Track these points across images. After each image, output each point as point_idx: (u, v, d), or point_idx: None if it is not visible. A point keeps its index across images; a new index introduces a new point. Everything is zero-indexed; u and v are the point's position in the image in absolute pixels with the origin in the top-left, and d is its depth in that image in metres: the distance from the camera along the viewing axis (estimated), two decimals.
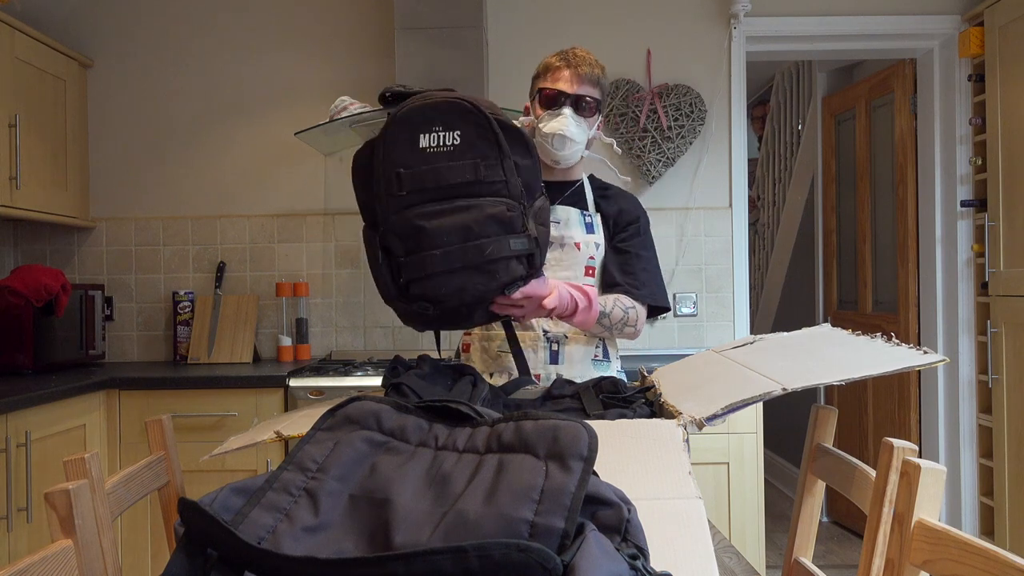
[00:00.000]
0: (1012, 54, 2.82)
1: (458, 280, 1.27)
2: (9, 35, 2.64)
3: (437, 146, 1.27)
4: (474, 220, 1.26)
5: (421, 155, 1.27)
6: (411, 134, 1.27)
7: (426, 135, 1.27)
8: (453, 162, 1.27)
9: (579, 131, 1.62)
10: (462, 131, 1.28)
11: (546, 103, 1.64)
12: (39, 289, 2.61)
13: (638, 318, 1.64)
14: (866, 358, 1.06)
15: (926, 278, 3.34)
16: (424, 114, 1.28)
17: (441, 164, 1.27)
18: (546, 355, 1.64)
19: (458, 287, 1.28)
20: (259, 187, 3.19)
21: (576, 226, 1.67)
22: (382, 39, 3.18)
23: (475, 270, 1.27)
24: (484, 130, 1.29)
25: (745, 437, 2.54)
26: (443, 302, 1.29)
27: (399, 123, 1.29)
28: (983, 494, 3.09)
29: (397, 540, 0.57)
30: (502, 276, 1.29)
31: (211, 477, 2.53)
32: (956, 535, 0.87)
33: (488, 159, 1.28)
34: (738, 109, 3.19)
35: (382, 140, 1.29)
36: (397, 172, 1.27)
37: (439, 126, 1.28)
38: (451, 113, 1.28)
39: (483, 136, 1.29)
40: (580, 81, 1.62)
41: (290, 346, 3.09)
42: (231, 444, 1.25)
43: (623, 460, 0.90)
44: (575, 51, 1.66)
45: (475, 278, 1.28)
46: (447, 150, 1.27)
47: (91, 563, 0.98)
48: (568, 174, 1.73)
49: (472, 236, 1.26)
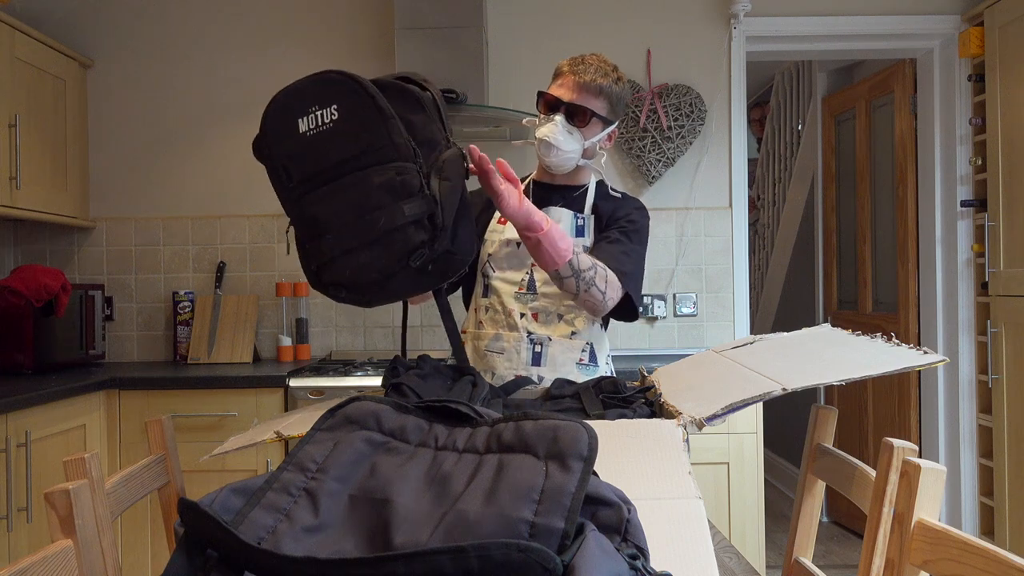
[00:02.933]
0: (1012, 54, 2.82)
1: (357, 259, 1.22)
2: (9, 35, 2.64)
3: (317, 127, 1.21)
4: (362, 194, 1.20)
5: (303, 140, 1.21)
6: (289, 122, 1.22)
7: (304, 118, 1.21)
8: (336, 138, 1.21)
9: (568, 139, 1.59)
10: (338, 104, 1.20)
11: (545, 107, 1.64)
12: (39, 289, 2.61)
13: (607, 283, 1.51)
14: (866, 358, 1.06)
15: (926, 278, 3.34)
16: (297, 97, 1.23)
17: (322, 144, 1.21)
18: (528, 356, 1.64)
19: (360, 265, 1.22)
20: (259, 187, 3.19)
21: (566, 227, 1.66)
22: (382, 39, 3.18)
23: (372, 245, 1.21)
24: (358, 96, 1.21)
25: (745, 437, 2.54)
26: (352, 283, 1.24)
27: (273, 114, 1.23)
28: (983, 494, 3.09)
29: (397, 540, 0.57)
30: (400, 246, 1.21)
31: (211, 477, 2.53)
32: (956, 535, 0.87)
33: (369, 126, 1.21)
34: (738, 109, 3.19)
35: (263, 135, 1.24)
36: (283, 165, 1.23)
37: (314, 105, 1.21)
38: (322, 89, 1.22)
39: (360, 103, 1.21)
40: (579, 90, 1.60)
41: (290, 346, 3.09)
42: (231, 444, 1.25)
43: (623, 460, 0.90)
44: (585, 57, 1.63)
45: (374, 252, 1.21)
46: (328, 127, 1.21)
47: (91, 563, 0.98)
48: (571, 179, 1.71)
49: (365, 211, 1.20)
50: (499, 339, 1.65)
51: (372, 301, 1.28)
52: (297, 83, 1.24)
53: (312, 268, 1.26)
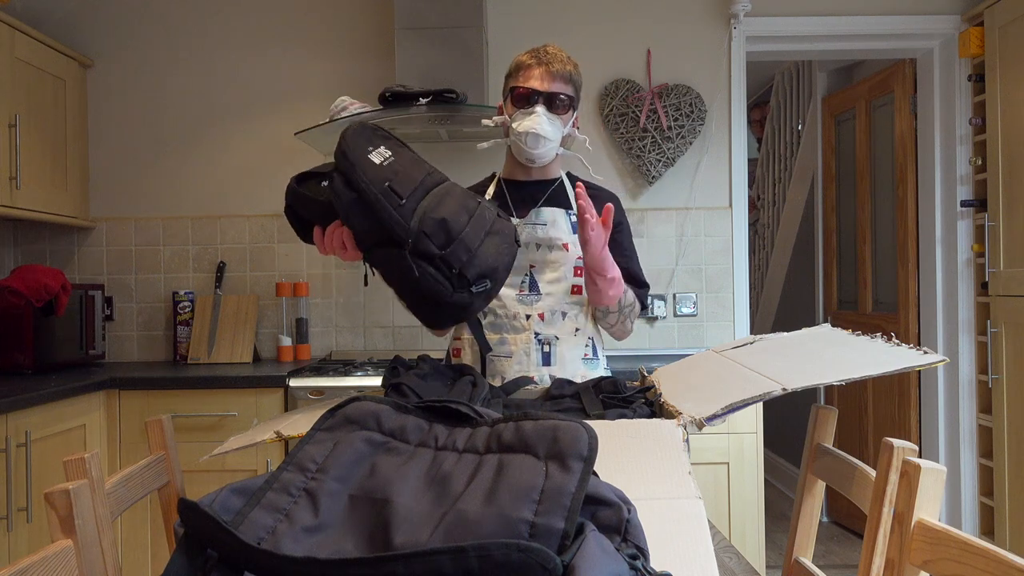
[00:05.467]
0: (1012, 54, 2.82)
1: (490, 247, 1.32)
2: (9, 35, 2.64)
3: (387, 157, 1.32)
4: (459, 198, 1.33)
5: (387, 168, 1.31)
6: (366, 154, 1.31)
7: (372, 154, 1.31)
8: (405, 163, 1.34)
9: (552, 129, 1.61)
10: (383, 144, 1.35)
11: (519, 101, 1.63)
12: (39, 289, 2.61)
13: (635, 313, 1.71)
14: (866, 358, 1.06)
15: (926, 278, 3.34)
16: (361, 139, 1.33)
17: (401, 168, 1.32)
18: (538, 357, 1.64)
19: (495, 252, 1.33)
20: (259, 187, 3.19)
21: (563, 227, 1.67)
22: (382, 39, 3.18)
23: (488, 235, 1.33)
24: (389, 137, 1.38)
25: (745, 437, 2.54)
26: (495, 271, 1.32)
27: (351, 147, 1.31)
28: (983, 494, 3.09)
29: (397, 540, 0.57)
30: (506, 232, 1.36)
31: (211, 477, 2.53)
32: (956, 535, 0.87)
33: (412, 154, 1.38)
34: (738, 109, 3.19)
35: (350, 169, 1.28)
36: (388, 186, 1.27)
37: (368, 146, 1.32)
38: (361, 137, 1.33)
39: (394, 141, 1.37)
40: (553, 79, 1.62)
41: (290, 346, 3.09)
42: (231, 444, 1.25)
43: (623, 460, 0.90)
44: (547, 48, 1.65)
45: (493, 240, 1.33)
46: (392, 158, 1.33)
47: (91, 563, 0.98)
48: (545, 172, 1.73)
49: (471, 210, 1.33)
50: (504, 343, 1.65)
51: (493, 291, 1.38)
52: (352, 131, 1.35)
53: (454, 272, 1.28)
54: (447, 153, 3.17)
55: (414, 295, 1.30)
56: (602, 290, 1.57)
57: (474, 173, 1.87)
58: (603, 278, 1.54)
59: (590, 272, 1.55)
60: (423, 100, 2.59)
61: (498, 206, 1.45)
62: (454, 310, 1.31)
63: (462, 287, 1.29)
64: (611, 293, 1.58)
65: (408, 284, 1.28)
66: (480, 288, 1.31)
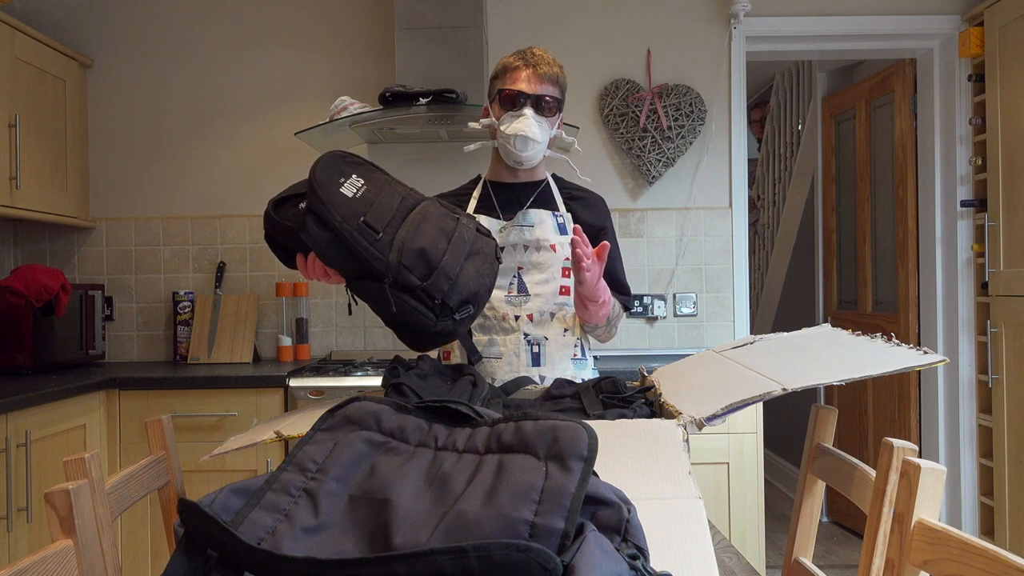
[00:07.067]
0: (1012, 54, 2.82)
1: (471, 271, 1.31)
2: (9, 35, 2.64)
3: (358, 188, 1.29)
4: (436, 220, 1.31)
5: (358, 200, 1.28)
6: (338, 188, 1.27)
7: (343, 186, 1.28)
8: (377, 190, 1.31)
9: (540, 131, 1.61)
10: (353, 173, 1.32)
11: (506, 104, 1.63)
12: (39, 289, 2.61)
13: (620, 320, 1.76)
14: (866, 358, 1.06)
15: (926, 278, 3.34)
16: (331, 172, 1.30)
17: (373, 198, 1.29)
18: (528, 357, 1.65)
19: (476, 276, 1.31)
20: (259, 187, 3.19)
21: (550, 228, 1.67)
22: (382, 39, 3.18)
23: (469, 257, 1.32)
24: (361, 164, 1.35)
25: (745, 437, 2.54)
26: (476, 296, 1.31)
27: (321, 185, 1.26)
28: (983, 494, 3.09)
29: (397, 540, 0.57)
30: (486, 251, 1.35)
31: (211, 477, 2.53)
32: (956, 535, 0.87)
33: (383, 178, 1.35)
34: (738, 109, 3.19)
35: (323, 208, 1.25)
36: (363, 221, 1.25)
37: (340, 177, 1.29)
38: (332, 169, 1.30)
39: (365, 167, 1.35)
40: (540, 81, 1.62)
41: (290, 346, 3.09)
42: (231, 444, 1.25)
43: (623, 460, 0.90)
44: (533, 51, 1.65)
45: (475, 262, 1.32)
46: (364, 187, 1.30)
47: (91, 563, 0.98)
48: (532, 175, 1.73)
49: (449, 232, 1.31)
50: (493, 344, 1.66)
51: (476, 314, 1.36)
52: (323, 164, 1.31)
53: (436, 302, 1.27)
54: (447, 153, 3.17)
55: (397, 324, 1.30)
56: (592, 312, 1.61)
57: (474, 173, 1.87)
58: (595, 303, 1.58)
59: (583, 299, 1.58)
60: (423, 100, 2.59)
61: (476, 219, 1.44)
62: (438, 337, 1.32)
63: (445, 315, 1.29)
64: (601, 313, 1.62)
65: (391, 315, 1.28)
66: (463, 315, 1.31)
